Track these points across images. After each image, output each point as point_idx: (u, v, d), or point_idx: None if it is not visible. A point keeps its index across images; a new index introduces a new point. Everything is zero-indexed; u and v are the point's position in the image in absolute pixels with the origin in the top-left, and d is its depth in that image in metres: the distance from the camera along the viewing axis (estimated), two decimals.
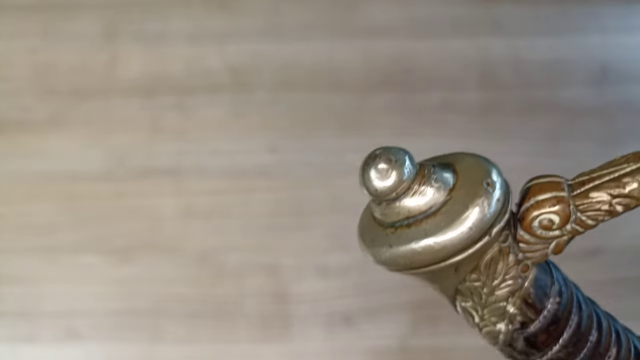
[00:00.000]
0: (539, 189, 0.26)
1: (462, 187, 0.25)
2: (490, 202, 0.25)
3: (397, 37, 0.78)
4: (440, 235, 0.25)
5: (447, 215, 0.25)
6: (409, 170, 0.25)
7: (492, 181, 0.26)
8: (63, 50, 0.78)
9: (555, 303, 0.27)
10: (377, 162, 0.25)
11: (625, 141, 0.75)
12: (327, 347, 0.69)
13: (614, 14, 0.80)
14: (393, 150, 0.26)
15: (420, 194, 0.25)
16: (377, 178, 0.25)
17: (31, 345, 0.68)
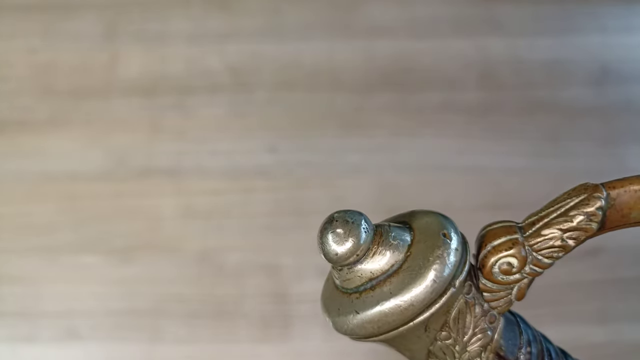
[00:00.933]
0: (492, 234, 0.27)
1: (419, 242, 0.26)
2: (449, 252, 0.25)
3: (397, 37, 0.78)
4: (406, 293, 0.25)
5: (409, 271, 0.25)
6: (366, 231, 0.25)
7: (448, 232, 0.26)
8: (63, 50, 0.78)
9: (527, 353, 0.27)
10: (335, 227, 0.26)
11: (625, 141, 0.75)
12: (327, 347, 0.69)
13: (614, 14, 0.80)
14: (349, 213, 0.26)
15: (380, 254, 0.26)
16: (335, 242, 0.26)
17: (31, 345, 0.68)
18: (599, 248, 0.71)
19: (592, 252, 0.71)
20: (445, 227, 0.26)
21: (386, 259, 0.26)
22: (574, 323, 0.63)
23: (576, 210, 0.27)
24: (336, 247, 0.26)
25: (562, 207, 0.27)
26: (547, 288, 0.68)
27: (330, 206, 0.72)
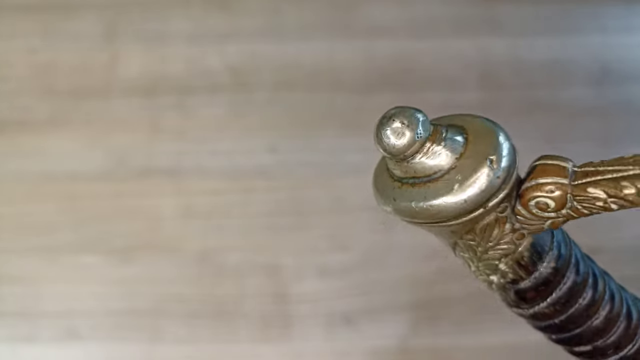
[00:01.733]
0: (542, 170, 0.27)
1: (468, 157, 0.26)
2: (490, 180, 0.26)
3: (397, 37, 0.78)
4: (437, 201, 0.26)
5: (448, 183, 0.26)
6: (421, 132, 0.26)
7: (497, 158, 0.26)
8: (63, 50, 0.78)
9: (550, 267, 0.28)
10: (392, 122, 0.27)
11: (625, 141, 0.75)
12: (327, 347, 0.69)
13: (614, 14, 0.80)
14: (408, 112, 0.27)
15: (429, 156, 0.26)
16: (391, 136, 0.26)
17: (31, 345, 0.68)
18: (598, 248, 0.71)
19: (592, 252, 0.70)
20: (496, 150, 0.26)
21: (433, 162, 0.26)
22: None
23: (629, 182, 0.26)
24: (392, 140, 0.26)
25: (620, 171, 0.27)
26: None
27: (330, 206, 0.72)
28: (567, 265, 0.29)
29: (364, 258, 0.71)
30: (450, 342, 0.69)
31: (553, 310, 0.29)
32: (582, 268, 0.30)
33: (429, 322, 0.69)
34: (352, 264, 0.70)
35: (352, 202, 0.72)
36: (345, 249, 0.71)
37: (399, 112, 0.27)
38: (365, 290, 0.70)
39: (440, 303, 0.70)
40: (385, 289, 0.70)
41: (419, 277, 0.70)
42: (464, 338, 0.69)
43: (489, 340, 0.69)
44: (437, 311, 0.69)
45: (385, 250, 0.71)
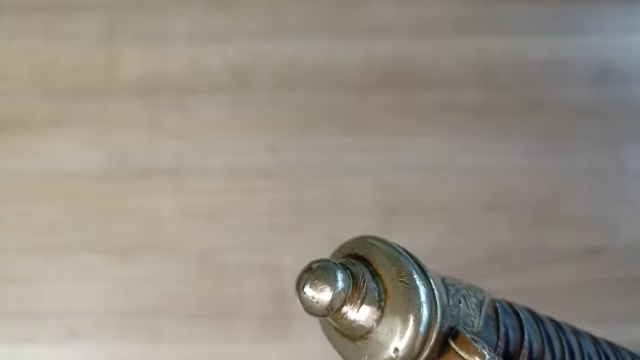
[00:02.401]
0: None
1: (388, 313, 0.26)
2: (413, 338, 0.25)
3: (397, 37, 0.78)
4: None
5: (379, 345, 0.26)
6: (342, 280, 0.27)
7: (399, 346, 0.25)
8: (63, 50, 0.78)
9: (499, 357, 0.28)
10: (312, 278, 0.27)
11: (625, 141, 0.75)
12: (327, 347, 0.69)
13: (614, 14, 0.80)
14: (323, 274, 0.27)
15: (354, 312, 0.26)
16: (310, 298, 0.27)
17: (31, 345, 0.68)
18: (599, 248, 0.71)
19: (592, 252, 0.71)
20: (405, 323, 0.25)
21: (360, 318, 0.26)
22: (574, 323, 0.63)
23: None
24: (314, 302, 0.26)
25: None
26: (547, 288, 0.68)
27: (330, 206, 0.72)
28: (520, 346, 0.28)
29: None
30: None
31: None
32: (536, 345, 0.29)
33: None
34: None
35: (352, 202, 0.72)
36: None
37: (315, 275, 0.27)
38: None
39: None
40: None
41: None
42: None
43: None
44: None
45: None
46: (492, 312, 0.28)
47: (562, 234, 0.71)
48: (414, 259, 0.27)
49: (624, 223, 0.72)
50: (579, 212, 0.72)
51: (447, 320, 0.26)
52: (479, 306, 0.28)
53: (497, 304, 0.28)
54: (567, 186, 0.73)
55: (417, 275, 0.25)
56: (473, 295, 0.28)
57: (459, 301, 0.27)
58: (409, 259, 0.26)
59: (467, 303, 0.27)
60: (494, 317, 0.28)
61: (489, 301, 0.28)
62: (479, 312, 0.27)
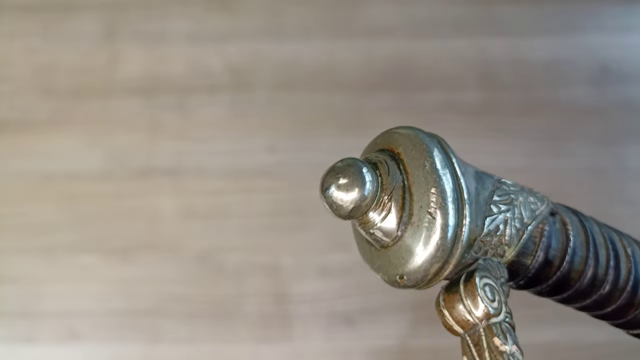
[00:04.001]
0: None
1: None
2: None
3: (397, 37, 0.78)
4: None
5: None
6: (371, 183, 0.25)
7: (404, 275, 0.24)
8: (63, 50, 0.78)
9: (539, 261, 0.26)
10: (338, 179, 0.25)
11: (625, 141, 0.75)
12: (327, 347, 0.69)
13: (614, 14, 0.80)
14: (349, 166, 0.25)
15: (382, 216, 0.25)
16: (341, 194, 0.25)
17: (31, 345, 0.68)
18: None
19: None
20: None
21: (394, 216, 0.24)
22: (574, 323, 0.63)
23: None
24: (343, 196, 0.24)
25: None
26: None
27: None
28: (562, 255, 0.27)
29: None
30: (450, 342, 0.69)
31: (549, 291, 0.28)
32: (580, 254, 0.27)
33: (429, 322, 0.69)
34: (352, 264, 0.70)
35: None
36: (345, 249, 0.71)
37: (342, 169, 0.25)
38: (365, 290, 0.70)
39: None
40: (385, 289, 0.70)
41: None
42: None
43: None
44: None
45: None
46: (538, 235, 0.26)
47: None
48: (457, 171, 0.24)
49: (624, 223, 0.72)
50: None
51: (473, 251, 0.24)
52: (519, 232, 0.25)
53: (548, 224, 0.26)
54: (567, 186, 0.73)
55: (451, 200, 0.23)
56: (519, 216, 0.26)
57: (496, 229, 0.25)
58: (449, 173, 0.24)
59: (506, 229, 0.25)
60: (537, 240, 0.26)
61: (538, 222, 0.26)
62: (517, 240, 0.25)
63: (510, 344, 0.23)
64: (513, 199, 0.26)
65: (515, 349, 0.23)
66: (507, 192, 0.26)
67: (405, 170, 0.24)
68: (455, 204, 0.24)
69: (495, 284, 0.24)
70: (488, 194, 0.25)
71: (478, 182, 0.25)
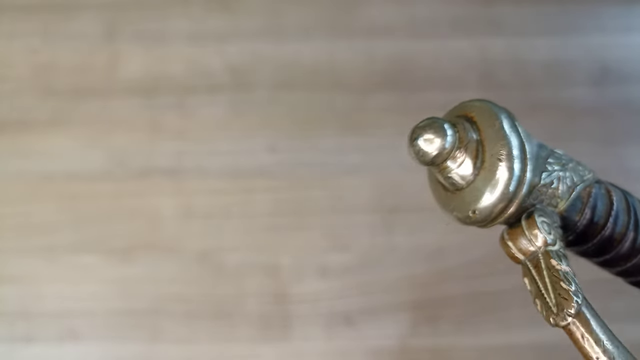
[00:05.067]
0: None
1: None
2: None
3: (397, 37, 0.78)
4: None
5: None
6: (451, 135, 0.29)
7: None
8: (63, 50, 0.78)
9: (585, 220, 0.31)
10: (423, 133, 0.30)
11: (625, 141, 0.75)
12: (327, 347, 0.69)
13: (614, 14, 0.80)
14: (436, 124, 0.30)
15: (457, 164, 0.30)
16: (423, 145, 0.30)
17: (30, 345, 0.68)
18: None
19: None
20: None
21: (469, 163, 0.29)
22: None
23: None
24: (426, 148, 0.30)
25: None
26: None
27: (330, 206, 0.72)
28: (606, 216, 0.31)
29: (364, 258, 0.71)
30: (450, 342, 0.69)
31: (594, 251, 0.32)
32: (622, 219, 0.32)
33: (429, 322, 0.69)
34: (352, 264, 0.70)
35: (352, 202, 0.72)
36: (345, 249, 0.71)
37: (428, 124, 0.30)
38: (365, 290, 0.70)
39: (440, 303, 0.70)
40: (385, 289, 0.70)
41: (419, 277, 0.70)
42: (464, 338, 0.69)
43: (489, 340, 0.69)
44: (436, 311, 0.69)
45: (385, 250, 0.71)
46: (585, 195, 0.31)
47: None
48: (521, 132, 0.30)
49: None
50: None
51: (532, 197, 0.29)
52: (570, 189, 0.31)
53: (595, 187, 0.31)
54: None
55: (516, 152, 0.29)
56: (570, 177, 0.31)
57: (551, 182, 0.30)
58: (515, 132, 0.30)
59: (559, 185, 0.30)
60: (585, 199, 0.31)
61: (586, 184, 0.31)
62: (568, 195, 0.30)
63: (564, 264, 0.28)
64: (564, 163, 0.31)
65: (568, 269, 0.28)
66: (560, 157, 0.32)
67: (478, 128, 0.31)
68: (520, 155, 0.29)
69: (551, 223, 0.29)
70: (544, 156, 0.31)
71: (537, 147, 0.31)
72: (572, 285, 0.28)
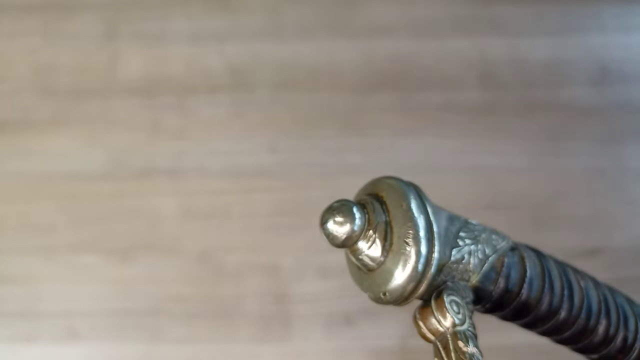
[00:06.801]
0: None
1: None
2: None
3: (397, 37, 0.78)
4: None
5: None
6: (360, 219, 0.30)
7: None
8: (63, 50, 0.78)
9: (500, 289, 0.32)
10: (334, 216, 0.31)
11: (625, 141, 0.75)
12: (327, 347, 0.69)
13: (614, 14, 0.80)
14: (346, 207, 0.31)
15: (369, 246, 0.30)
16: (333, 228, 0.31)
17: (31, 345, 0.68)
18: (598, 248, 0.71)
19: (592, 252, 0.71)
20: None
21: (373, 252, 0.30)
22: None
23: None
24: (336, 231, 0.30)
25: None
26: None
27: None
28: (520, 284, 0.32)
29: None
30: None
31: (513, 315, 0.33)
32: (536, 284, 0.32)
33: None
34: None
35: None
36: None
37: (338, 207, 0.31)
38: None
39: None
40: None
41: None
42: None
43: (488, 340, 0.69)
44: None
45: None
46: (499, 265, 0.31)
47: (562, 234, 0.71)
48: (428, 212, 0.30)
49: (624, 223, 0.72)
50: (579, 212, 0.72)
51: (442, 275, 0.30)
52: (482, 262, 0.31)
53: (508, 257, 0.32)
54: (567, 186, 0.73)
55: (423, 232, 0.29)
56: (482, 249, 0.31)
57: (462, 258, 0.30)
58: (422, 213, 0.30)
59: (471, 259, 0.31)
60: (498, 269, 0.31)
61: (499, 255, 0.31)
62: (480, 268, 0.31)
63: (471, 346, 0.29)
64: (477, 235, 0.31)
65: (475, 351, 0.29)
66: (472, 230, 0.32)
67: (387, 209, 0.30)
68: (427, 235, 0.29)
69: (460, 301, 0.30)
70: (455, 230, 0.31)
71: (447, 221, 0.31)
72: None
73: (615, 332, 0.34)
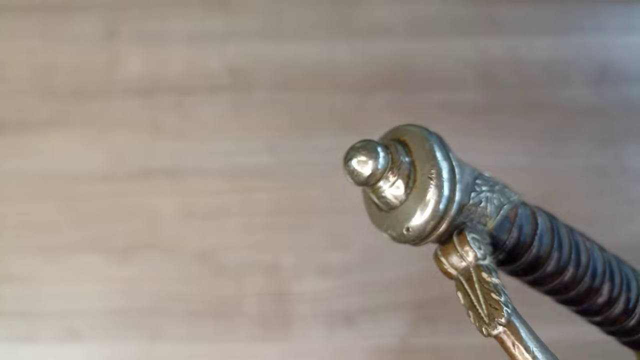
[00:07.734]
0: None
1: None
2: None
3: (397, 37, 0.78)
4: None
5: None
6: (383, 157, 0.30)
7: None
8: (63, 50, 0.78)
9: (513, 239, 0.33)
10: (357, 154, 0.30)
11: (625, 140, 0.75)
12: (327, 346, 0.69)
13: (614, 14, 0.80)
14: (370, 145, 0.31)
15: (390, 185, 0.30)
16: (356, 166, 0.30)
17: (31, 344, 0.69)
18: None
19: None
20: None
21: (401, 183, 0.30)
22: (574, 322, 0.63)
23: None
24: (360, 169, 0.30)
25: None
26: None
27: (330, 206, 0.72)
28: (532, 236, 0.33)
29: (364, 257, 0.71)
30: (450, 341, 0.69)
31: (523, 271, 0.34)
32: (546, 239, 0.33)
33: (428, 321, 0.69)
34: (352, 263, 0.70)
35: (352, 202, 0.72)
36: (345, 249, 0.71)
37: (362, 146, 0.31)
38: (365, 290, 0.70)
39: (440, 303, 0.70)
40: (385, 288, 0.70)
41: (418, 276, 0.70)
42: (463, 338, 0.69)
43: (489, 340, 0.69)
44: (436, 311, 0.69)
45: (385, 250, 0.71)
46: (512, 215, 0.32)
47: None
48: (450, 154, 0.31)
49: (624, 223, 0.72)
50: (579, 211, 0.72)
51: (462, 216, 0.30)
52: (497, 209, 0.32)
53: (521, 208, 0.33)
54: (567, 186, 0.73)
55: (446, 172, 0.30)
56: (497, 198, 0.32)
57: (480, 202, 0.31)
58: (444, 154, 0.31)
59: (487, 205, 0.32)
60: (512, 219, 0.32)
61: (512, 205, 0.32)
62: (496, 214, 0.32)
63: (494, 277, 0.29)
64: (492, 185, 0.33)
65: (498, 281, 0.29)
66: (487, 180, 0.33)
67: (410, 151, 0.31)
68: (449, 175, 0.30)
69: (481, 239, 0.30)
70: (473, 177, 0.32)
71: (466, 167, 0.32)
72: (502, 296, 0.29)
73: (619, 294, 0.34)
